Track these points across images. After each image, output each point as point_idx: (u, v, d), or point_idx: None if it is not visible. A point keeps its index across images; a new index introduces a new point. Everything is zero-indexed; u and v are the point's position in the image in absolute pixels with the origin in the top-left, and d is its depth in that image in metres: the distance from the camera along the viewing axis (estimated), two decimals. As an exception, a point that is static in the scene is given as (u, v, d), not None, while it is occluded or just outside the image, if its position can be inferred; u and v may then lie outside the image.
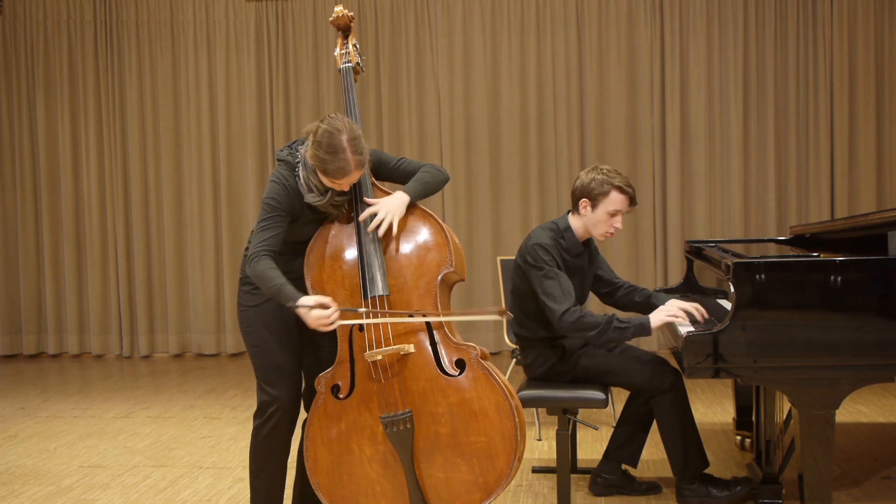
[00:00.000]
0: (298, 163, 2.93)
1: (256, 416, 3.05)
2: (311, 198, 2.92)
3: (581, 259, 3.51)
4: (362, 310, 2.85)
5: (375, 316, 2.86)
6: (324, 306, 2.75)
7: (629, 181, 3.41)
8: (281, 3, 7.08)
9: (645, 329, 3.23)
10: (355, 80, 3.21)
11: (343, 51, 3.24)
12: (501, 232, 6.92)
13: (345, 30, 3.26)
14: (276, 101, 7.07)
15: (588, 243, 3.57)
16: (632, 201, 3.39)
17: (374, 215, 2.92)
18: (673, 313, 3.23)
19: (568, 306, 3.25)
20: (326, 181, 2.86)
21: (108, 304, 7.31)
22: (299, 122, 6.97)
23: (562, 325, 3.25)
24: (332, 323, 2.76)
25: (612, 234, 3.42)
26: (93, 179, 7.26)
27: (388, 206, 2.94)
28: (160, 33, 7.20)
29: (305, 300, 2.77)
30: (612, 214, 3.38)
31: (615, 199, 3.35)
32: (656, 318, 3.25)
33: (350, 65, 3.22)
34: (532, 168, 6.82)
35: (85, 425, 5.11)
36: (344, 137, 2.79)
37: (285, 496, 3.16)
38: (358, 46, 3.27)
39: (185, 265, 7.23)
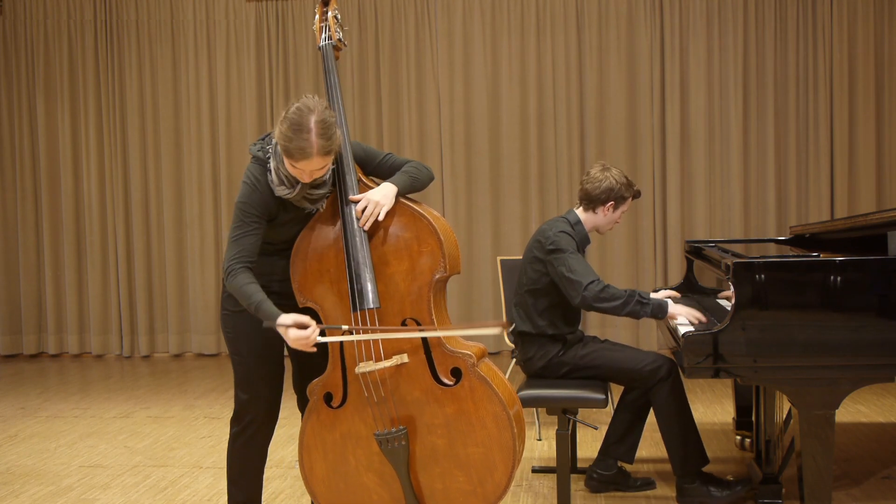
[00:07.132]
0: (269, 156, 2.75)
1: (233, 422, 2.96)
2: (281, 191, 2.73)
3: (585, 254, 3.68)
4: (345, 327, 2.71)
5: (361, 332, 2.72)
6: (302, 326, 2.61)
7: None
8: (281, 3, 7.08)
9: (662, 310, 3.34)
10: (336, 58, 2.91)
11: (322, 23, 2.90)
12: (501, 232, 6.91)
13: None
14: (276, 101, 7.06)
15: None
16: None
17: (363, 211, 2.76)
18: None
19: (593, 279, 3.38)
20: (289, 165, 2.65)
21: (108, 303, 7.30)
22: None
23: (587, 294, 3.35)
24: (311, 343, 2.62)
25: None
26: (93, 179, 7.26)
27: (375, 196, 2.76)
28: (160, 33, 7.20)
29: (283, 319, 2.62)
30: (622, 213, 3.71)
31: (629, 201, 3.68)
32: (675, 308, 3.36)
33: (331, 42, 2.90)
34: (532, 168, 6.82)
35: (85, 425, 5.11)
36: (313, 118, 2.58)
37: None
38: (339, 18, 2.94)
39: (186, 265, 7.22)
